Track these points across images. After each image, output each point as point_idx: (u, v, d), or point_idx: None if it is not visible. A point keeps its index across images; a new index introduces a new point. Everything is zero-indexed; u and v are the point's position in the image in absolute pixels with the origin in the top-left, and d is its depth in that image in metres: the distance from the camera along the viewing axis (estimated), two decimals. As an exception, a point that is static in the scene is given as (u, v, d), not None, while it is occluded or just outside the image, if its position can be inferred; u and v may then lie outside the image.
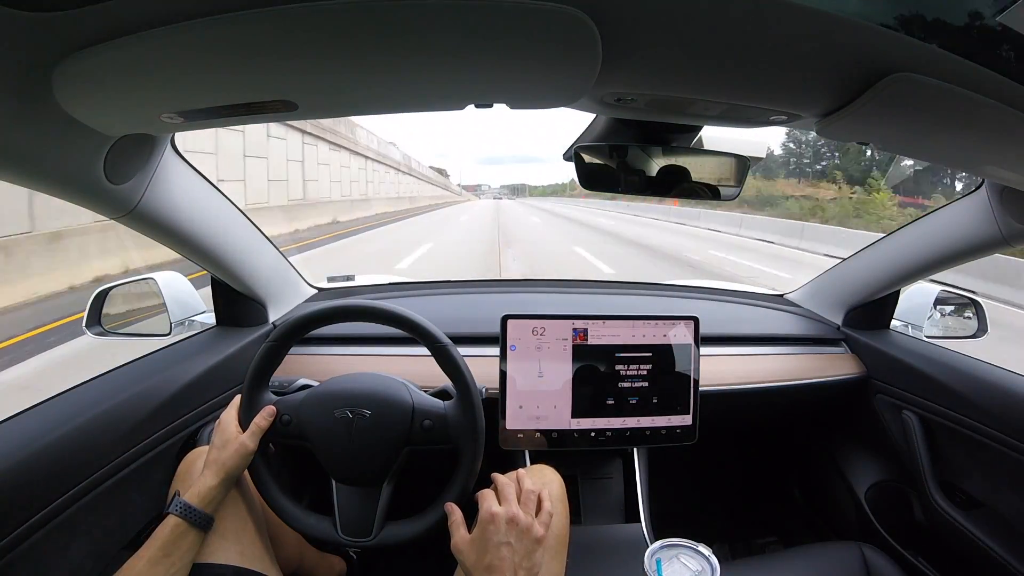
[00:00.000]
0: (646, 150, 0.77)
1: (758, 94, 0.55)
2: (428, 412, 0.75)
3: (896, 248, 1.11)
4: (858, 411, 1.22)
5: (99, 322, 0.99)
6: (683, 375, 0.99)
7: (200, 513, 0.67)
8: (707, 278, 3.73)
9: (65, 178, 0.59)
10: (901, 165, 13.86)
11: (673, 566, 0.67)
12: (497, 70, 0.48)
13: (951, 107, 0.50)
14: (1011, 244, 0.86)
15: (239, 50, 0.42)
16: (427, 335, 0.76)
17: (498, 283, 1.59)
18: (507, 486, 0.68)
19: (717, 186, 0.80)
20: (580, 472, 1.05)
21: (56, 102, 0.48)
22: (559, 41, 0.42)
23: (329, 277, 1.44)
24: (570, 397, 0.96)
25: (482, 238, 11.58)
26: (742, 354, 1.18)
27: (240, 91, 0.49)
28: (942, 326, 1.20)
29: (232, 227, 0.94)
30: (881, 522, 1.14)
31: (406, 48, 0.42)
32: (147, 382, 0.83)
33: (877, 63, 0.45)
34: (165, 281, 1.03)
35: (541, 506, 0.68)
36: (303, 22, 0.39)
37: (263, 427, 0.73)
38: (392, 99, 0.54)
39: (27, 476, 0.62)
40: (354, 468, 0.75)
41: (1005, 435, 0.91)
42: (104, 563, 0.72)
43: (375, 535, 0.74)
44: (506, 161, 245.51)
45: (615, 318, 0.97)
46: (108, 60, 0.43)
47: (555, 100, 0.55)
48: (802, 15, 0.40)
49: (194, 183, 0.82)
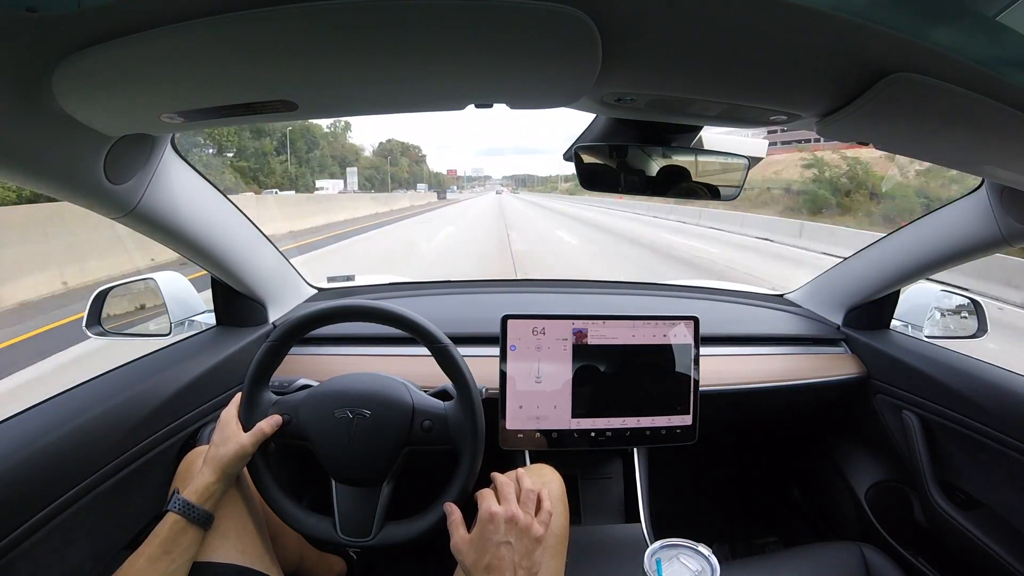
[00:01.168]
0: (646, 150, 0.77)
1: (758, 94, 0.55)
2: (428, 412, 0.75)
3: (896, 248, 1.11)
4: (858, 411, 1.22)
5: (99, 322, 0.98)
6: (683, 375, 0.99)
7: (199, 510, 0.67)
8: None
9: (65, 178, 0.59)
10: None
11: (673, 566, 0.67)
12: (497, 70, 0.48)
13: (951, 107, 0.50)
14: (1011, 244, 0.86)
15: (239, 50, 0.42)
16: (427, 335, 0.76)
17: (498, 283, 1.59)
18: (506, 485, 0.68)
19: (717, 186, 0.81)
20: (580, 472, 1.05)
21: (56, 102, 0.48)
22: (559, 41, 0.42)
23: (329, 277, 1.44)
24: (570, 397, 0.96)
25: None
26: (742, 354, 1.18)
27: (240, 91, 0.49)
28: (942, 326, 1.20)
29: (232, 227, 0.94)
30: (881, 522, 1.14)
31: (406, 48, 0.42)
32: (147, 382, 0.83)
33: (877, 63, 0.45)
34: (165, 281, 1.03)
35: (540, 505, 0.68)
36: (303, 22, 0.39)
37: (266, 433, 0.73)
38: (392, 99, 0.54)
39: (27, 476, 0.62)
40: (354, 468, 0.74)
41: (1005, 435, 0.91)
42: (104, 563, 0.72)
43: (375, 535, 0.74)
44: (507, 152, 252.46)
45: (615, 318, 0.97)
46: (108, 60, 0.43)
47: (555, 100, 0.55)
48: (802, 15, 0.40)
49: (194, 183, 0.82)
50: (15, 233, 5.21)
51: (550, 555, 0.72)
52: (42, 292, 5.18)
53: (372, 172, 61.69)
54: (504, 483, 0.68)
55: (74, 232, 5.64)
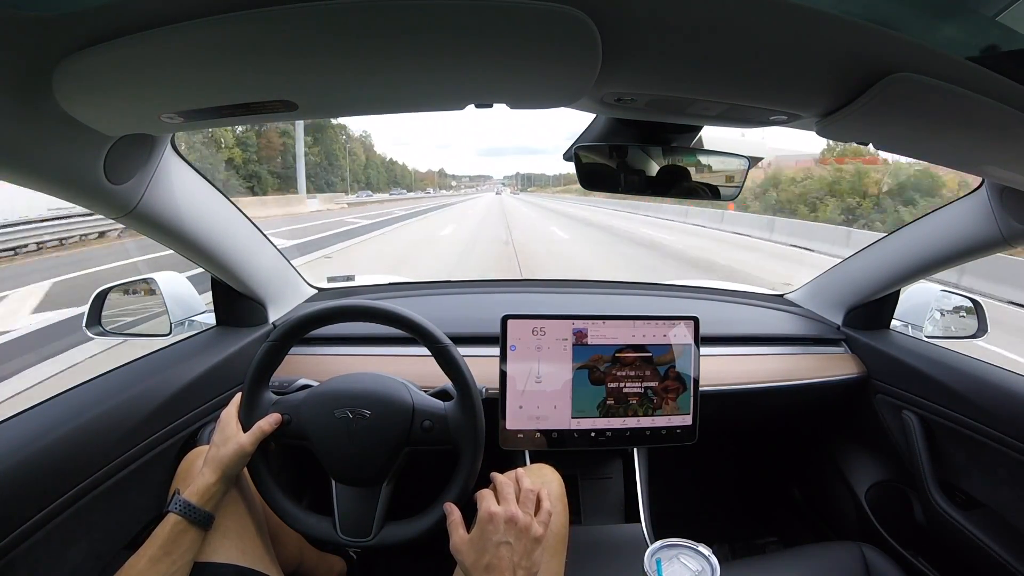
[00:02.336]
0: (646, 150, 0.77)
1: (758, 94, 0.55)
2: (428, 412, 0.75)
3: (896, 248, 1.11)
4: (858, 411, 1.22)
5: (99, 322, 0.98)
6: (683, 375, 0.99)
7: (200, 511, 0.67)
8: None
9: (65, 178, 0.59)
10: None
11: (673, 566, 0.67)
12: (497, 70, 0.48)
13: (951, 107, 0.50)
14: (1011, 244, 0.86)
15: (239, 50, 0.42)
16: (427, 335, 0.76)
17: (498, 283, 1.59)
18: (506, 485, 0.68)
19: (717, 186, 0.81)
20: (580, 472, 1.05)
21: (56, 102, 0.48)
22: (559, 41, 0.42)
23: (329, 277, 1.44)
24: (570, 397, 0.96)
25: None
26: (742, 354, 1.18)
27: (240, 91, 0.49)
28: (942, 326, 1.20)
29: (232, 227, 0.94)
30: (881, 522, 1.14)
31: (406, 48, 0.42)
32: (147, 382, 0.83)
33: (877, 63, 0.45)
34: (165, 281, 1.03)
35: (540, 505, 0.68)
36: (303, 22, 0.39)
37: (266, 432, 0.73)
38: (392, 99, 0.54)
39: (27, 476, 0.62)
40: (354, 468, 0.75)
41: (1005, 435, 0.91)
42: (104, 563, 0.72)
43: (375, 535, 0.74)
44: (507, 152, 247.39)
45: (615, 318, 0.97)
46: (108, 60, 0.43)
47: (555, 100, 0.55)
48: (802, 15, 0.40)
49: (194, 183, 0.82)
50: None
51: (550, 555, 0.72)
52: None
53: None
54: (503, 483, 0.68)
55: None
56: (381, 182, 67.25)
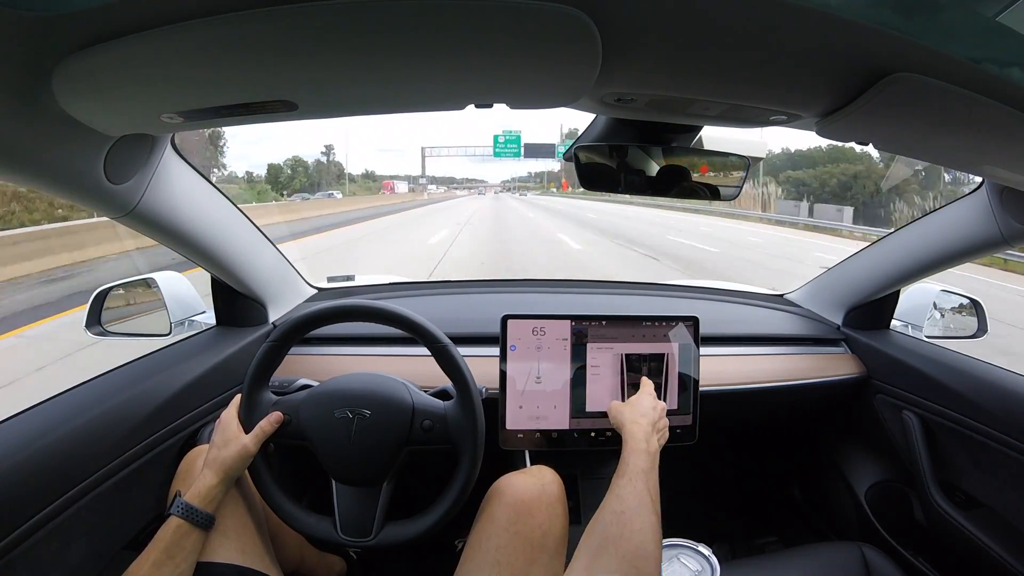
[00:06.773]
0: (646, 150, 0.77)
1: (758, 94, 0.55)
2: (428, 412, 0.75)
3: (896, 248, 1.11)
4: (858, 411, 1.22)
5: (99, 322, 0.98)
6: (683, 375, 0.99)
7: (202, 513, 0.67)
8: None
9: (65, 178, 0.59)
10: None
11: (673, 566, 0.67)
12: (497, 70, 0.48)
13: (951, 107, 0.50)
14: (1011, 244, 0.86)
15: (239, 50, 0.42)
16: (427, 335, 0.76)
17: (498, 283, 1.59)
18: (648, 385, 0.91)
19: (717, 186, 0.81)
20: (580, 472, 1.05)
21: (56, 102, 0.48)
22: (559, 41, 0.42)
23: (329, 277, 1.44)
24: (569, 397, 0.96)
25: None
26: (742, 354, 1.18)
27: (240, 91, 0.49)
28: (942, 326, 1.20)
29: (232, 227, 0.94)
30: (881, 522, 1.14)
31: (406, 48, 0.42)
32: (147, 382, 0.83)
33: (877, 63, 0.45)
34: (165, 281, 1.03)
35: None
36: (303, 22, 0.39)
37: (267, 431, 0.73)
38: (392, 99, 0.54)
39: (27, 476, 0.62)
40: (354, 468, 0.75)
41: (1005, 435, 0.91)
42: (104, 563, 0.72)
43: (375, 535, 0.74)
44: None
45: (615, 318, 0.97)
46: (108, 60, 0.43)
47: (555, 100, 0.55)
48: (802, 15, 0.40)
49: (194, 183, 0.82)
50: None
51: (549, 556, 0.72)
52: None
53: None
54: (648, 382, 0.92)
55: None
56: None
